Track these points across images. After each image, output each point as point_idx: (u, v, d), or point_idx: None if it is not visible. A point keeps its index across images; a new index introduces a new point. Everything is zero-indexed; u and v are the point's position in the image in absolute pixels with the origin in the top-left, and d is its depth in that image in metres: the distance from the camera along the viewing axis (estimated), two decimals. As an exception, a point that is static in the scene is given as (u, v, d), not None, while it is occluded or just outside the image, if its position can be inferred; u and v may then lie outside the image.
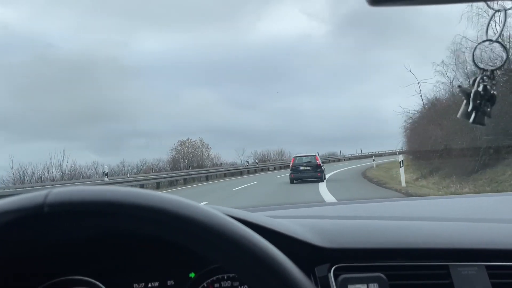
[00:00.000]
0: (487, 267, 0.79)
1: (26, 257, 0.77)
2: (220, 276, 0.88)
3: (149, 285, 0.88)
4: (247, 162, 38.29)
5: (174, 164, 38.22)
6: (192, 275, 0.88)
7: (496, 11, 0.54)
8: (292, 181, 18.34)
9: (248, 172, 33.47)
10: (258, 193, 14.98)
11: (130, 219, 0.52)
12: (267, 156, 48.42)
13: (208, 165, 39.12)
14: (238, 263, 0.51)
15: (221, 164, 40.27)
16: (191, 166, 36.92)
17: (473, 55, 0.60)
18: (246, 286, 0.88)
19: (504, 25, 0.54)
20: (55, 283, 0.85)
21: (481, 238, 0.87)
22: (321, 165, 18.68)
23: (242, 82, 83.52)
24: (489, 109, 0.59)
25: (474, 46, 0.61)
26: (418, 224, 0.98)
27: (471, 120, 0.59)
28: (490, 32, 0.58)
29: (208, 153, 43.96)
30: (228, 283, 0.88)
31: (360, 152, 56.68)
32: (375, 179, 18.43)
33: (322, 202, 1.39)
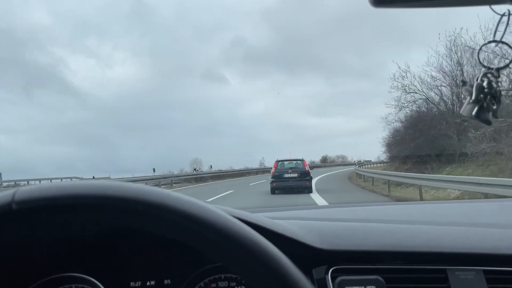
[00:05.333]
0: (485, 271, 0.79)
1: (23, 254, 0.77)
2: (217, 276, 0.88)
3: (146, 283, 0.88)
4: None
5: None
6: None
7: (502, 15, 0.53)
8: (273, 191, 14.62)
9: None
10: None
11: (103, 212, 0.51)
12: None
13: None
14: (239, 262, 0.51)
15: None
16: None
17: (478, 55, 0.59)
18: (243, 286, 0.88)
19: (506, 26, 0.54)
20: (53, 279, 0.85)
21: (479, 242, 0.87)
22: (310, 171, 15.37)
23: None
24: (494, 106, 0.56)
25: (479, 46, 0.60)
26: (416, 228, 0.98)
27: (473, 113, 0.56)
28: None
29: None
30: (225, 283, 0.88)
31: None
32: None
33: (320, 205, 1.39)
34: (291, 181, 14.74)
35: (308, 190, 14.47)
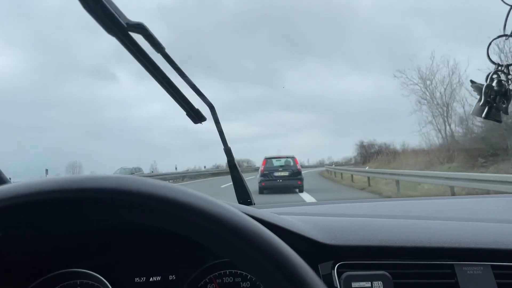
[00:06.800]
0: (493, 267, 0.78)
1: (26, 250, 0.77)
2: (222, 272, 0.88)
3: (151, 279, 0.88)
4: None
5: None
6: None
7: None
8: (261, 191, 13.57)
9: None
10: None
11: (100, 207, 0.48)
12: None
13: None
14: (250, 259, 0.50)
15: None
16: None
17: (487, 50, 0.58)
18: (248, 282, 0.88)
19: None
20: (57, 275, 0.85)
21: (487, 238, 0.86)
22: (301, 170, 14.47)
23: None
24: (504, 105, 0.57)
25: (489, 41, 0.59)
26: (423, 223, 0.97)
27: (483, 115, 0.57)
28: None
29: None
30: (230, 279, 0.88)
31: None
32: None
33: (322, 201, 1.38)
34: (281, 180, 13.82)
35: (299, 189, 13.63)
